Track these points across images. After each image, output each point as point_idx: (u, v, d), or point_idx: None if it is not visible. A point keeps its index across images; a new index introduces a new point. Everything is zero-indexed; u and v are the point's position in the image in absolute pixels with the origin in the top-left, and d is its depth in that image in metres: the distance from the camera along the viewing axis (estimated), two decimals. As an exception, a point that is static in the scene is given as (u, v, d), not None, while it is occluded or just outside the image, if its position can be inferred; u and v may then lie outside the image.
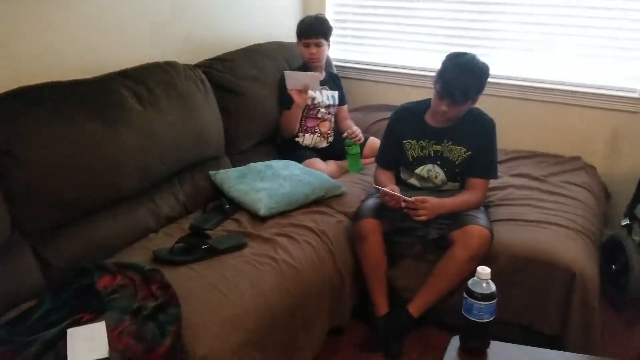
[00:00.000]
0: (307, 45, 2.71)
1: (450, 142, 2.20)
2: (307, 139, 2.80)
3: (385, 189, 2.06)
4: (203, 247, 1.89)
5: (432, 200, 2.05)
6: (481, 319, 1.35)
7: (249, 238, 2.02)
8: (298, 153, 2.73)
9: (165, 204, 2.19)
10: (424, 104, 2.23)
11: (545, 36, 2.86)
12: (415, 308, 2.13)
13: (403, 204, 2.03)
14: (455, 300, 1.97)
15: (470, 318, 1.36)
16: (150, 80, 2.16)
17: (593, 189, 2.51)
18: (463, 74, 2.01)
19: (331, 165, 2.74)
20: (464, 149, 2.19)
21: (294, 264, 1.91)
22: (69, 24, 2.09)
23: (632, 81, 2.71)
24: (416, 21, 3.19)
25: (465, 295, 1.36)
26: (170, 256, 1.87)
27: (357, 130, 2.77)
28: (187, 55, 2.56)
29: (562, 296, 1.98)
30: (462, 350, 1.41)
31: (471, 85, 2.02)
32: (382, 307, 2.19)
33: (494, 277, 2.07)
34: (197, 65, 2.51)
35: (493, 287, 1.36)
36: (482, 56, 2.97)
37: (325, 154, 2.82)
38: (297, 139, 2.80)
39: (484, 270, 1.36)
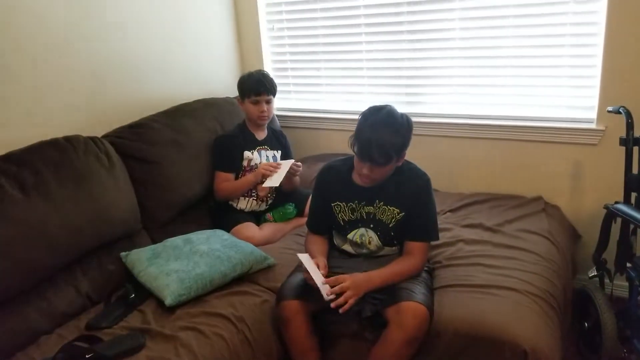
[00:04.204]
0: (257, 103, 2.50)
1: (382, 203, 1.95)
2: (241, 203, 2.55)
3: (305, 267, 1.79)
4: (87, 356, 1.62)
5: (354, 278, 1.77)
6: None
7: (148, 336, 1.75)
8: (231, 218, 2.49)
9: (61, 299, 1.92)
10: (351, 161, 1.97)
11: (494, 71, 2.64)
12: (355, 398, 1.84)
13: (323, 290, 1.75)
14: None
15: None
16: (37, 162, 1.93)
17: (554, 237, 2.24)
18: (380, 133, 1.75)
19: (267, 229, 2.48)
20: (397, 210, 1.93)
21: (197, 366, 1.64)
22: None
23: (588, 111, 2.46)
24: (359, 64, 2.97)
25: None
26: (49, 372, 1.61)
27: None
28: (107, 125, 2.36)
29: (517, 376, 1.70)
30: None
31: (389, 145, 1.76)
32: (317, 396, 1.90)
33: (439, 357, 1.83)
34: (106, 136, 2.28)
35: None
36: (431, 96, 2.80)
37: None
38: (230, 202, 2.55)
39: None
